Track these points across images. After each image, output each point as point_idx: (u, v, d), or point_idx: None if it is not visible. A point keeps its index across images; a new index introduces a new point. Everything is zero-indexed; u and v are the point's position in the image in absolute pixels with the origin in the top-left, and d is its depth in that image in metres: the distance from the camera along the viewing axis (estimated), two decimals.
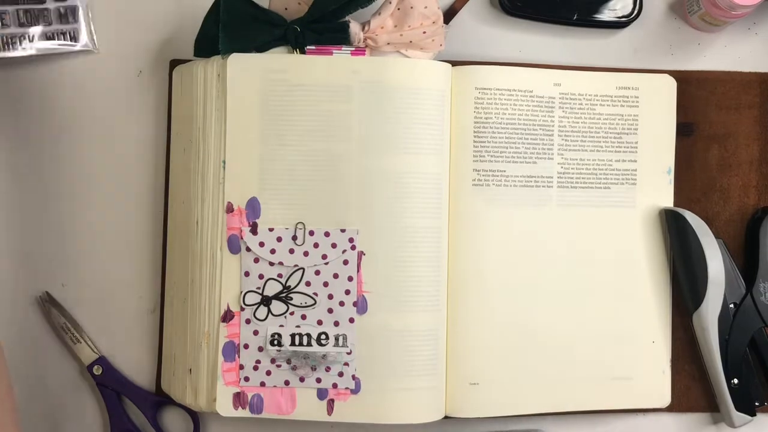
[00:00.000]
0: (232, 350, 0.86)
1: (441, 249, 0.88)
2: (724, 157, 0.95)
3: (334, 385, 0.86)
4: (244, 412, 0.86)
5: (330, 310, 0.86)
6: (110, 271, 0.94)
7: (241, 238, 0.86)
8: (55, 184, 0.94)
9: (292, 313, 0.86)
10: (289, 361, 0.86)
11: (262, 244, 0.86)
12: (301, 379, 0.86)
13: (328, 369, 0.86)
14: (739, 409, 0.91)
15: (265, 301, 0.86)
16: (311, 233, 0.86)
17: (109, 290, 0.94)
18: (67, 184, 0.94)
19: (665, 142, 0.94)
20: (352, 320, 0.86)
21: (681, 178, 0.94)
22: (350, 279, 0.86)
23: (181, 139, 0.91)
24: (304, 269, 0.86)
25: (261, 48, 0.87)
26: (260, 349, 0.86)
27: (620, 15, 0.95)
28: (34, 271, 0.94)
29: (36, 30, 0.93)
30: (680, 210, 0.92)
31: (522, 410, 0.91)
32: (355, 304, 0.86)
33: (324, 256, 0.86)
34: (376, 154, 0.86)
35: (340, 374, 0.86)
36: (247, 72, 0.86)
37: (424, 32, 0.87)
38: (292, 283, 0.86)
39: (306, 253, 0.86)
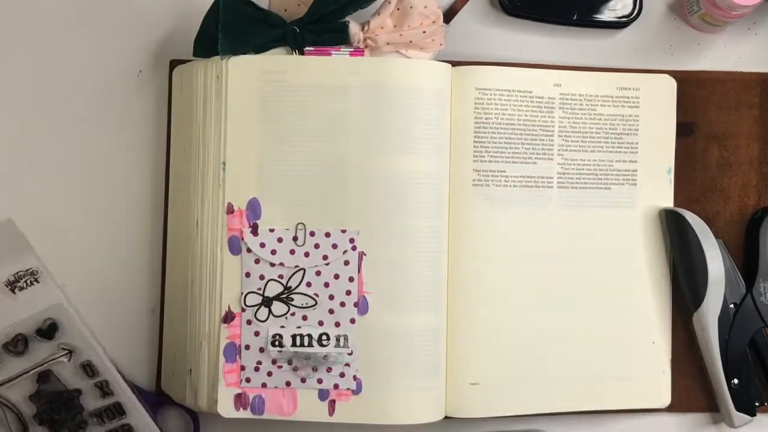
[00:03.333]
0: (233, 351, 0.86)
1: (441, 249, 0.88)
2: (724, 157, 0.95)
3: (336, 386, 0.86)
4: (245, 413, 0.86)
5: (331, 311, 0.86)
6: (110, 271, 0.94)
7: (242, 239, 0.86)
8: (54, 184, 0.94)
9: (293, 314, 0.86)
10: (290, 362, 0.86)
11: (262, 245, 0.86)
12: (303, 380, 0.86)
13: (329, 370, 0.86)
14: (739, 409, 0.91)
15: (266, 302, 0.86)
16: (312, 234, 0.86)
17: (109, 290, 0.94)
18: (67, 184, 0.94)
19: (665, 142, 0.94)
20: (353, 321, 0.86)
21: (681, 178, 0.94)
22: (351, 279, 0.86)
23: (181, 139, 0.90)
24: (304, 270, 0.86)
25: (260, 49, 0.87)
26: (261, 350, 0.86)
27: (620, 15, 0.95)
28: None
29: None
30: (680, 210, 0.92)
31: (522, 410, 0.91)
32: (356, 304, 0.86)
33: (325, 257, 0.86)
34: (376, 154, 0.86)
35: (342, 375, 0.86)
36: (247, 73, 0.86)
37: (424, 32, 0.87)
38: (293, 283, 0.86)
39: (307, 254, 0.86)
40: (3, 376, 0.84)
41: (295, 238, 0.86)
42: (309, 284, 0.86)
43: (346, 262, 0.86)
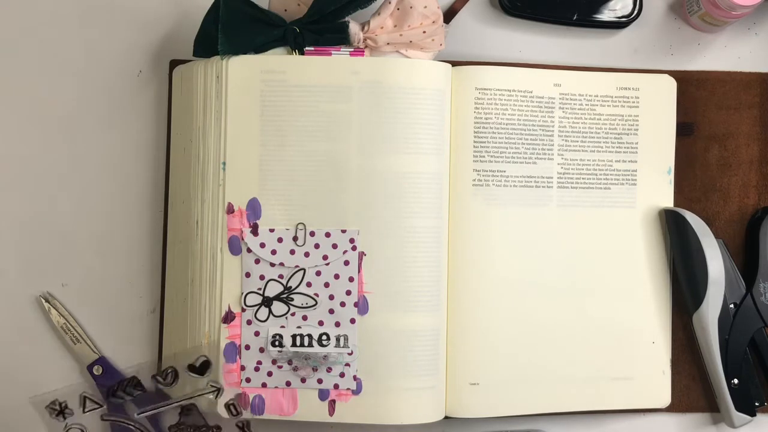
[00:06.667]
0: (233, 351, 0.86)
1: (441, 249, 0.88)
2: (724, 157, 0.95)
3: (336, 386, 0.86)
4: (245, 413, 0.86)
5: (331, 311, 0.86)
6: (110, 271, 0.94)
7: (242, 239, 0.86)
8: (55, 184, 0.94)
9: (293, 314, 0.86)
10: (290, 362, 0.86)
11: (263, 245, 0.86)
12: (303, 380, 0.86)
13: (329, 370, 0.86)
14: (739, 409, 0.91)
15: (266, 302, 0.86)
16: (312, 234, 0.86)
17: (109, 290, 0.94)
18: (67, 184, 0.94)
19: (665, 142, 0.94)
20: (353, 321, 0.86)
21: (681, 178, 0.94)
22: (351, 279, 0.86)
23: (181, 139, 0.90)
24: (305, 270, 0.86)
25: (260, 49, 0.87)
26: (261, 350, 0.86)
27: (620, 15, 0.95)
28: (34, 271, 0.94)
29: None
30: (680, 210, 0.92)
31: (522, 410, 0.91)
32: (356, 304, 0.86)
33: (325, 257, 0.86)
34: (377, 154, 0.86)
35: (342, 375, 0.86)
36: (247, 73, 0.86)
37: (424, 32, 0.87)
38: (293, 283, 0.86)
39: (307, 254, 0.86)
40: (150, 406, 0.89)
41: (295, 238, 0.86)
42: (309, 284, 0.86)
43: (346, 262, 0.86)
